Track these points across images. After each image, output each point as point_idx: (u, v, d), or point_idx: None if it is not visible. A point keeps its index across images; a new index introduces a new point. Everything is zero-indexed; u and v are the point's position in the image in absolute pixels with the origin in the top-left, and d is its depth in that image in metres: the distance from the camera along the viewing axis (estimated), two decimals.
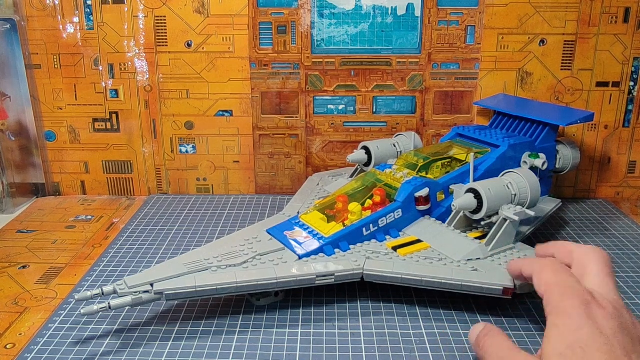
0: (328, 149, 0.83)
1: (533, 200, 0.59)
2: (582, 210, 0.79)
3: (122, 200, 0.84)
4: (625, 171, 0.83)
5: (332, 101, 0.81)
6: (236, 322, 0.52)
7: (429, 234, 0.58)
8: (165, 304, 0.54)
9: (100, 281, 0.59)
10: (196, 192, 0.85)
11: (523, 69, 0.78)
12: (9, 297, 0.57)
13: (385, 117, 0.82)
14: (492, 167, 0.63)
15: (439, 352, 0.48)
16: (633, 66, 0.78)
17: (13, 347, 0.49)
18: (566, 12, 0.76)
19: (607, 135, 0.81)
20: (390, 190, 0.61)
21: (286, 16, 0.77)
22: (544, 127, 0.69)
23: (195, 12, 0.77)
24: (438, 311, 0.54)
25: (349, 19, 0.77)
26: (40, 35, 0.79)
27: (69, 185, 0.85)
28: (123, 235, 0.70)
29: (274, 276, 0.50)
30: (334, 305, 0.55)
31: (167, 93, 0.81)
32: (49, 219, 0.76)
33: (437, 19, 0.77)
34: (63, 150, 0.84)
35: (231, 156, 0.83)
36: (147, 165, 0.84)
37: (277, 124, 0.82)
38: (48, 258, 0.65)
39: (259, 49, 0.79)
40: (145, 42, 0.78)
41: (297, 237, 0.57)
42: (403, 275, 0.51)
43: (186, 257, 0.53)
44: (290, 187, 0.85)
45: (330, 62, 0.79)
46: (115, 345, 0.48)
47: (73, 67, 0.80)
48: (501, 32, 0.77)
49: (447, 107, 0.81)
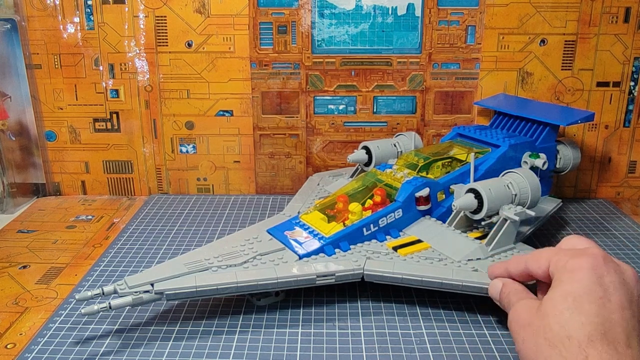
0: (328, 148, 0.83)
1: (533, 200, 0.59)
2: (583, 210, 0.79)
3: (123, 200, 0.84)
4: (626, 171, 0.83)
5: (333, 101, 0.81)
6: (236, 322, 0.52)
7: (430, 234, 0.58)
8: (165, 304, 0.54)
9: (101, 281, 0.59)
10: (196, 192, 0.85)
11: (523, 69, 0.78)
12: (9, 297, 0.57)
13: (386, 117, 0.81)
14: (492, 167, 0.63)
15: (439, 352, 0.48)
16: (633, 66, 0.78)
17: (13, 346, 0.49)
18: (567, 12, 0.76)
19: (607, 135, 0.81)
20: (391, 190, 0.61)
21: (286, 16, 0.77)
22: (545, 127, 0.69)
23: (196, 12, 0.77)
24: (438, 311, 0.54)
25: (349, 19, 0.77)
26: (41, 35, 0.79)
27: (70, 185, 0.85)
28: (123, 235, 0.70)
29: (275, 276, 0.50)
30: (334, 305, 0.55)
31: (167, 93, 0.81)
32: (49, 219, 0.76)
33: (438, 18, 0.77)
34: (63, 150, 0.84)
35: (231, 156, 0.83)
36: (147, 165, 0.84)
37: (278, 124, 0.82)
38: (48, 258, 0.65)
39: (259, 48, 0.79)
40: (146, 42, 0.78)
41: (297, 237, 0.57)
42: (403, 275, 0.51)
43: (186, 257, 0.53)
44: (291, 187, 0.85)
45: (331, 62, 0.79)
46: (116, 345, 0.48)
47: (73, 67, 0.80)
48: (502, 32, 0.77)
49: (447, 107, 0.81)
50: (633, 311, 0.38)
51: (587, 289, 0.38)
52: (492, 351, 0.48)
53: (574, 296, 0.38)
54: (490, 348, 0.48)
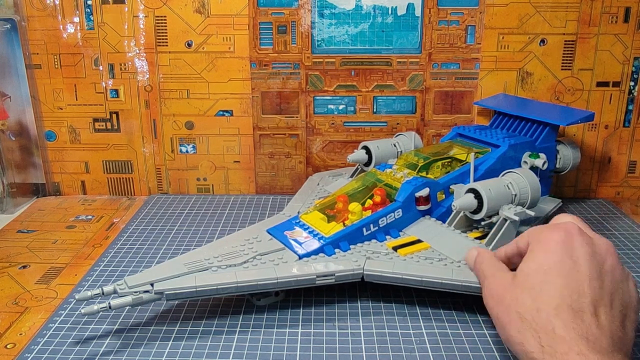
0: (328, 148, 0.83)
1: (533, 200, 0.59)
2: (583, 210, 0.79)
3: (123, 200, 0.84)
4: (626, 171, 0.83)
5: (333, 101, 0.81)
6: (236, 322, 0.52)
7: (429, 234, 0.58)
8: (165, 304, 0.54)
9: (101, 281, 0.59)
10: (196, 192, 0.85)
11: (523, 69, 0.78)
12: (9, 297, 0.57)
13: (386, 117, 0.81)
14: (492, 167, 0.63)
15: (439, 352, 0.48)
16: (633, 66, 0.78)
17: (13, 346, 0.49)
18: (566, 12, 0.76)
19: (607, 135, 0.81)
20: (391, 190, 0.61)
21: (286, 16, 0.77)
22: (544, 127, 0.69)
23: (196, 12, 0.77)
24: (438, 311, 0.54)
25: (349, 19, 0.77)
26: (41, 35, 0.79)
27: (69, 185, 0.85)
28: (123, 235, 0.70)
29: (274, 276, 0.50)
30: (334, 305, 0.55)
31: (167, 93, 0.81)
32: (49, 219, 0.76)
33: (438, 18, 0.77)
34: (63, 150, 0.84)
35: (231, 156, 0.83)
36: (147, 165, 0.84)
37: (278, 124, 0.82)
38: (48, 258, 0.65)
39: (259, 48, 0.79)
40: (146, 42, 0.78)
41: (297, 237, 0.57)
42: (403, 275, 0.51)
43: (186, 257, 0.53)
44: (291, 187, 0.85)
45: (331, 62, 0.79)
46: (116, 345, 0.48)
47: (73, 67, 0.80)
48: (501, 32, 0.77)
49: (447, 107, 0.81)
50: (602, 282, 0.39)
51: (558, 261, 0.40)
52: (492, 351, 0.48)
53: (545, 269, 0.40)
54: (490, 348, 0.48)
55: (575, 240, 0.41)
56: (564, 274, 0.39)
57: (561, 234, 0.41)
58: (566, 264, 0.39)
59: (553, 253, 0.40)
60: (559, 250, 0.40)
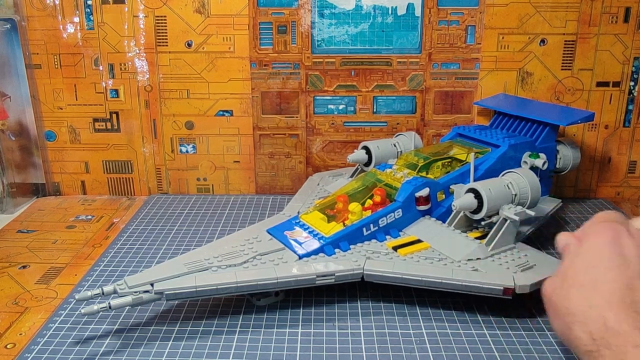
0: (328, 148, 0.83)
1: (533, 200, 0.59)
2: (583, 210, 0.79)
3: (122, 200, 0.84)
4: (626, 171, 0.83)
5: (333, 101, 0.81)
6: (236, 322, 0.52)
7: (429, 233, 0.58)
8: (165, 304, 0.54)
9: (101, 281, 0.59)
10: (196, 192, 0.85)
11: (523, 69, 0.78)
12: (9, 297, 0.57)
13: (386, 117, 0.81)
14: (492, 167, 0.63)
15: (439, 352, 0.48)
16: (633, 66, 0.78)
17: (13, 346, 0.49)
18: (566, 12, 0.76)
19: (607, 135, 0.81)
20: (391, 190, 0.61)
21: (286, 16, 0.77)
22: (544, 127, 0.69)
23: (196, 12, 0.77)
24: (438, 311, 0.54)
25: (349, 19, 0.77)
26: (41, 35, 0.79)
27: (69, 185, 0.85)
28: (123, 235, 0.70)
29: (274, 276, 0.50)
30: (334, 305, 0.55)
31: (167, 93, 0.81)
32: (49, 219, 0.76)
33: (438, 18, 0.77)
34: (63, 150, 0.84)
35: (231, 156, 0.83)
36: (147, 165, 0.84)
37: (278, 124, 0.82)
38: (48, 258, 0.65)
39: (259, 48, 0.79)
40: (146, 42, 0.78)
41: (297, 237, 0.57)
42: (403, 275, 0.51)
43: (186, 257, 0.53)
44: (291, 187, 0.85)
45: (331, 62, 0.79)
46: (115, 345, 0.48)
47: (73, 67, 0.80)
48: (501, 32, 0.77)
49: (447, 107, 0.81)
50: None
51: (607, 258, 0.41)
52: (492, 351, 0.48)
53: (594, 264, 0.41)
54: (490, 348, 0.48)
55: (623, 238, 0.42)
56: (613, 268, 0.40)
57: (611, 233, 0.42)
58: (615, 259, 0.40)
59: (603, 248, 0.42)
60: (609, 245, 0.41)
